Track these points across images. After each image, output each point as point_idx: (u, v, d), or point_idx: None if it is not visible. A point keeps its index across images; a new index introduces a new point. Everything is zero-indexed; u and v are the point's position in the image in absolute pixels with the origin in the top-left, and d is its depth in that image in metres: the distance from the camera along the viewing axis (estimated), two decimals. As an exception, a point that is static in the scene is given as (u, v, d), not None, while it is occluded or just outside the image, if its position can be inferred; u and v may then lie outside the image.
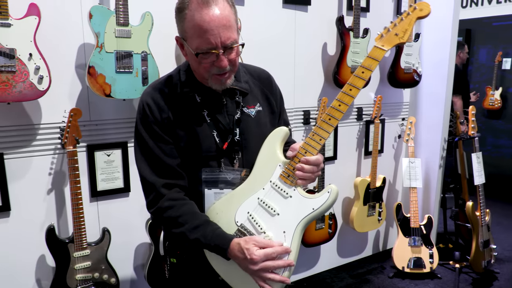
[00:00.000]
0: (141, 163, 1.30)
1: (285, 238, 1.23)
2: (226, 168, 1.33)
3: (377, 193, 3.12)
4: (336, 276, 3.15)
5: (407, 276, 3.10)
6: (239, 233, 1.27)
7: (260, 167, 1.31)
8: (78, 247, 2.03)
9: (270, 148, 1.30)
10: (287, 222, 1.24)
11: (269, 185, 1.28)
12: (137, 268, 2.40)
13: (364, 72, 1.22)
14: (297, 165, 1.24)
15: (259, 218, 1.27)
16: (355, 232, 3.17)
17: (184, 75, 1.32)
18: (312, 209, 1.22)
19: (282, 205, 1.26)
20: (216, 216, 1.29)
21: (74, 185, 1.99)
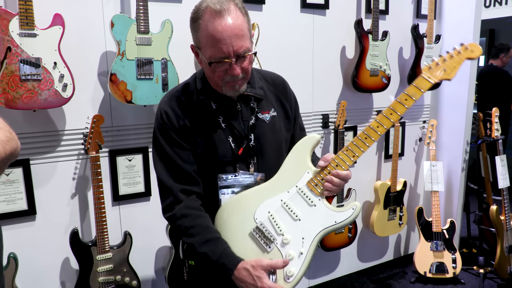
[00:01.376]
0: (159, 168, 1.33)
1: (302, 244, 1.25)
2: (241, 173, 1.35)
3: (397, 197, 3.08)
4: (356, 280, 3.13)
5: (429, 282, 3.05)
6: (257, 230, 1.29)
7: (287, 170, 1.32)
8: (101, 250, 2.08)
9: (300, 153, 1.32)
10: (308, 230, 1.26)
11: (295, 189, 1.30)
12: (158, 271, 2.43)
13: (407, 99, 1.25)
14: (327, 177, 1.27)
15: (280, 220, 1.29)
16: (376, 236, 3.14)
17: (200, 83, 1.36)
18: (335, 222, 1.26)
19: (305, 212, 1.28)
20: (238, 207, 1.31)
21: (97, 189, 2.04)
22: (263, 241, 1.29)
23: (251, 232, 1.30)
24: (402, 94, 1.25)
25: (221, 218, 1.33)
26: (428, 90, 1.27)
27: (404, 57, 3.13)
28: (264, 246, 1.28)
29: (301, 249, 1.26)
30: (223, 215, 1.32)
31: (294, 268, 1.25)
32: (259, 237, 1.29)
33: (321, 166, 1.29)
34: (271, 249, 1.28)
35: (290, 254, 1.26)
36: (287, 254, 1.26)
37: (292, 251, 1.26)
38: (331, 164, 1.28)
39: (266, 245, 1.28)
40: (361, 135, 1.27)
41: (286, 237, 1.27)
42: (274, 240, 1.28)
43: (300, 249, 1.26)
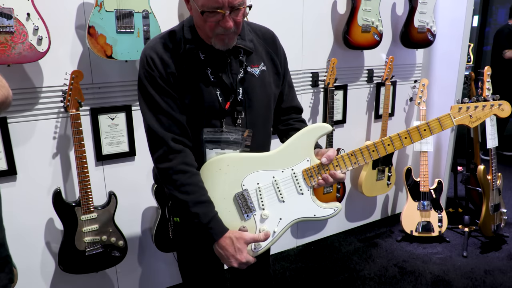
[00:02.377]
0: (148, 117, 1.28)
1: (278, 224, 1.31)
2: (228, 128, 1.33)
3: (386, 157, 3.08)
4: (344, 240, 3.17)
5: (415, 240, 3.11)
6: (240, 196, 1.30)
7: (288, 150, 1.33)
8: (85, 210, 2.05)
9: (307, 138, 1.32)
10: (287, 213, 1.32)
11: (290, 172, 1.32)
12: (144, 232, 2.42)
13: (425, 130, 1.29)
14: (324, 175, 1.31)
15: (266, 195, 1.31)
16: (364, 197, 3.16)
17: (188, 32, 1.30)
18: (314, 215, 1.32)
19: (292, 196, 1.32)
20: (225, 168, 1.29)
21: (78, 149, 1.98)
22: (243, 209, 1.30)
23: (235, 196, 1.30)
24: (423, 124, 1.28)
25: (209, 172, 1.30)
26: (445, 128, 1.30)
27: (397, 13, 3.04)
28: (243, 213, 1.30)
29: (275, 228, 1.31)
30: (212, 169, 1.30)
31: (264, 242, 1.31)
32: (240, 203, 1.30)
33: (323, 163, 1.31)
34: (248, 218, 1.31)
35: (264, 229, 1.30)
36: (261, 228, 1.30)
37: (267, 227, 1.31)
38: (332, 163, 1.30)
39: (245, 213, 1.30)
40: (371, 146, 1.31)
41: (266, 212, 1.31)
42: (254, 211, 1.30)
43: (274, 227, 1.31)
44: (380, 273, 2.72)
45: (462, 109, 1.30)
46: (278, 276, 2.70)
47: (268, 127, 1.46)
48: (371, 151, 1.30)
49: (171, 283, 2.58)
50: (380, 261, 2.86)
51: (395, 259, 2.88)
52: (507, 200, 3.79)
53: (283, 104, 1.53)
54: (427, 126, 1.28)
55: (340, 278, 2.66)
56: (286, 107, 1.54)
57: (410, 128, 1.30)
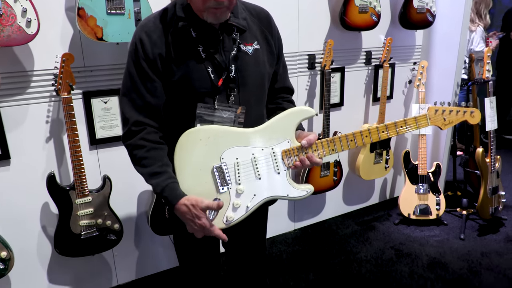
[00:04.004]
0: (122, 96, 1.32)
1: (252, 199, 1.35)
2: (221, 105, 1.33)
3: (384, 140, 3.06)
4: (341, 223, 3.18)
5: (412, 223, 3.11)
6: (218, 169, 1.32)
7: (271, 129, 1.35)
8: (79, 194, 2.05)
9: (290, 120, 1.35)
10: (262, 190, 1.35)
11: (269, 151, 1.35)
12: (140, 215, 2.43)
13: (402, 127, 1.35)
14: (302, 157, 1.34)
15: (243, 171, 1.34)
16: (361, 180, 3.15)
17: (180, 10, 1.30)
18: (287, 194, 1.36)
19: (268, 174, 1.35)
20: (206, 139, 1.31)
21: (71, 132, 1.97)
22: (219, 181, 1.32)
23: (213, 168, 1.32)
24: (401, 120, 1.35)
25: (189, 141, 1.31)
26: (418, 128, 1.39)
27: None
28: (219, 185, 1.32)
29: (249, 203, 1.35)
30: (192, 138, 1.31)
31: (236, 215, 1.34)
32: (217, 176, 1.32)
33: (303, 146, 1.34)
34: (223, 191, 1.33)
35: (238, 203, 1.33)
36: (235, 202, 1.33)
37: (241, 201, 1.34)
38: (312, 147, 1.34)
39: (221, 185, 1.32)
40: (350, 135, 1.35)
41: (241, 187, 1.34)
42: (229, 185, 1.33)
43: (248, 202, 1.34)
44: (377, 255, 2.73)
45: (438, 112, 1.38)
46: (274, 259, 2.71)
47: (262, 105, 1.47)
48: (349, 140, 1.35)
49: (168, 266, 2.61)
50: (377, 244, 2.86)
51: (392, 242, 2.88)
52: (506, 183, 3.78)
53: (277, 84, 1.54)
54: (404, 123, 1.35)
55: (336, 261, 2.67)
56: (279, 87, 1.55)
57: (388, 123, 1.36)
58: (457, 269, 2.55)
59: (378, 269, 2.58)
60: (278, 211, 2.96)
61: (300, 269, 2.60)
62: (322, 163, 1.38)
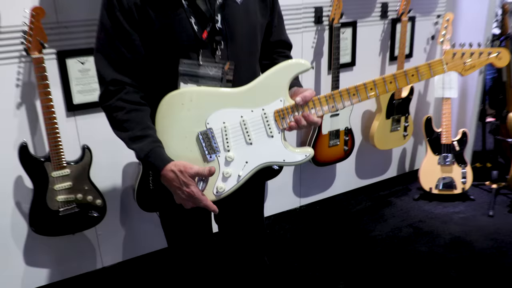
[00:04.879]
0: (97, 52, 1.32)
1: (243, 167, 1.35)
2: (206, 61, 1.33)
3: (402, 104, 3.04)
4: (353, 198, 3.20)
5: (434, 198, 3.13)
6: (204, 136, 1.32)
7: (261, 87, 1.34)
8: (56, 166, 2.08)
9: (282, 76, 1.33)
10: (254, 156, 1.35)
11: (260, 112, 1.34)
12: (126, 190, 2.47)
13: (413, 75, 1.32)
14: (297, 116, 1.33)
15: (232, 136, 1.34)
16: (377, 150, 3.16)
17: None
18: (283, 160, 1.36)
19: (260, 139, 1.35)
20: (188, 103, 1.31)
21: (44, 97, 1.98)
22: (206, 149, 1.33)
23: (198, 134, 1.33)
24: (411, 68, 1.31)
25: (170, 106, 1.32)
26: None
27: None
28: (206, 154, 1.33)
29: (240, 172, 1.35)
30: (174, 103, 1.32)
31: (227, 185, 1.35)
32: (203, 143, 1.33)
33: (297, 103, 1.32)
34: (211, 160, 1.34)
35: (228, 173, 1.34)
36: (225, 171, 1.34)
37: (231, 170, 1.35)
38: (308, 104, 1.33)
39: (208, 153, 1.33)
40: (351, 89, 1.32)
41: (231, 155, 1.35)
42: (218, 153, 1.34)
43: (239, 171, 1.35)
44: (393, 234, 2.75)
45: (457, 55, 1.34)
46: (277, 239, 2.76)
47: (254, 61, 1.46)
48: (351, 94, 1.32)
49: (159, 247, 2.65)
50: (393, 222, 2.89)
51: (410, 219, 2.91)
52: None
53: (272, 37, 1.53)
54: (416, 71, 1.32)
55: (347, 240, 2.71)
56: (275, 41, 1.54)
57: (397, 72, 1.32)
58: (484, 249, 2.56)
59: (393, 248, 2.61)
60: (281, 186, 2.99)
61: (305, 250, 2.63)
62: (320, 123, 1.36)
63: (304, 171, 3.03)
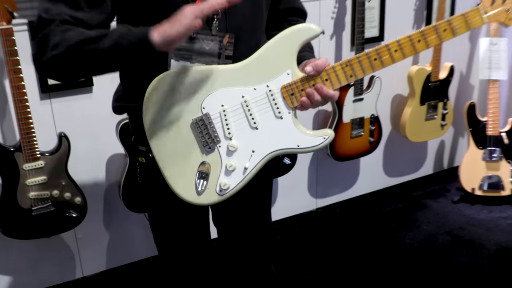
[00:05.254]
0: None
1: (250, 158, 1.34)
2: (201, 33, 1.32)
3: (440, 87, 3.03)
4: (381, 200, 3.21)
5: (478, 201, 3.12)
6: (200, 123, 1.32)
7: (262, 60, 1.32)
8: (28, 157, 2.11)
9: (287, 44, 1.31)
10: (262, 143, 1.34)
11: (265, 89, 1.32)
12: (110, 186, 2.51)
13: (446, 30, 1.28)
14: (309, 90, 1.30)
15: (233, 120, 1.33)
16: (409, 143, 3.15)
17: None
18: (297, 145, 1.34)
19: (267, 121, 1.34)
20: (179, 86, 1.31)
21: (14, 75, 2.01)
22: (204, 139, 1.33)
23: (192, 122, 1.32)
24: (443, 22, 1.27)
25: (158, 93, 1.32)
26: (473, 28, 1.31)
27: None
28: (204, 145, 1.33)
29: (247, 164, 1.34)
30: (161, 89, 1.31)
31: (232, 181, 1.34)
32: (200, 132, 1.33)
33: (308, 73, 1.29)
34: (211, 151, 1.34)
35: (232, 165, 1.33)
36: (228, 163, 1.33)
37: (236, 162, 1.33)
38: (321, 76, 1.30)
39: (206, 144, 1.33)
40: (372, 53, 1.29)
41: (233, 143, 1.33)
42: (218, 142, 1.33)
43: (246, 163, 1.34)
44: (427, 242, 2.76)
45: (497, 2, 1.29)
46: (289, 245, 2.77)
47: (259, 33, 1.45)
48: (372, 59, 1.29)
49: (148, 254, 2.69)
50: (427, 228, 2.89)
51: (448, 225, 2.91)
52: None
53: (281, 4, 1.52)
54: (448, 25, 1.27)
55: (370, 248, 2.72)
56: (285, 8, 1.53)
57: (425, 28, 1.29)
58: (536, 262, 2.57)
59: (427, 260, 2.61)
60: (294, 184, 3.00)
61: (322, 260, 2.64)
62: (337, 97, 1.32)
63: (321, 166, 3.04)
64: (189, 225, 1.61)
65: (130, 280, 2.57)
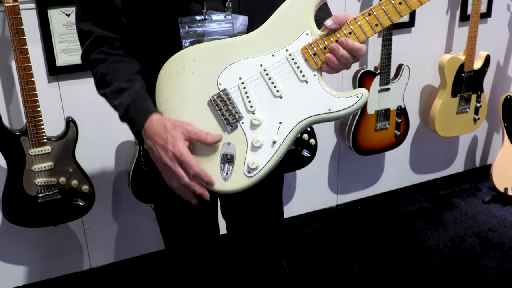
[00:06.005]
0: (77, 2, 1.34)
1: (278, 130, 1.28)
2: (213, 14, 1.31)
3: (474, 79, 2.96)
4: (406, 198, 3.18)
5: (510, 202, 3.08)
6: (218, 100, 1.29)
7: (277, 24, 1.30)
8: (34, 141, 2.10)
9: (302, 3, 1.27)
10: (289, 112, 1.28)
11: (284, 54, 1.28)
12: (120, 175, 2.50)
13: None
14: (332, 45, 1.24)
15: (253, 92, 1.29)
16: (438, 138, 3.11)
17: None
18: (329, 109, 1.26)
19: (292, 88, 1.28)
20: (191, 65, 1.29)
21: (20, 56, 2.00)
22: (224, 117, 1.28)
23: (210, 100, 1.29)
24: None
25: (170, 75, 1.30)
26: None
27: None
28: (225, 123, 1.28)
29: (275, 137, 1.27)
30: (173, 70, 1.30)
31: (261, 159, 1.27)
32: (219, 110, 1.28)
33: (328, 27, 1.24)
34: (234, 129, 1.29)
35: (259, 141, 1.27)
36: (255, 139, 1.27)
37: (263, 136, 1.27)
38: (343, 29, 1.24)
39: (227, 122, 1.28)
40: None
41: (257, 116, 1.28)
42: (240, 118, 1.28)
43: (273, 136, 1.27)
44: (453, 244, 2.73)
45: None
46: (306, 242, 2.76)
47: None
48: (396, 3, 1.22)
49: (159, 247, 2.67)
50: (455, 229, 2.86)
51: (477, 227, 2.87)
52: None
53: None
54: None
55: (393, 249, 2.69)
56: None
57: None
58: None
59: (452, 262, 2.57)
60: (314, 178, 2.98)
61: (340, 258, 2.63)
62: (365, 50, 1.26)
63: (343, 161, 3.02)
64: (196, 217, 1.60)
65: (139, 274, 2.56)
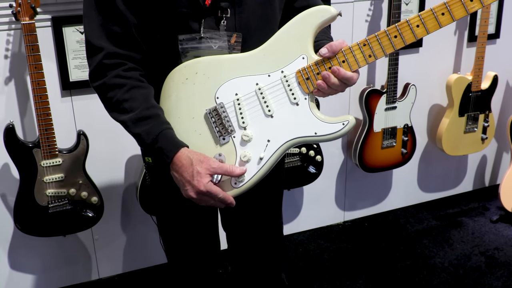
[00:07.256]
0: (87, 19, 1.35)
1: (266, 148, 1.34)
2: (209, 33, 1.36)
3: (482, 98, 3.00)
4: (413, 216, 3.19)
5: (519, 221, 3.09)
6: (213, 113, 1.35)
7: (276, 46, 1.35)
8: (46, 153, 2.20)
9: (301, 28, 1.32)
10: (278, 132, 1.34)
11: (279, 75, 1.34)
12: (129, 188, 2.59)
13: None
14: (324, 72, 1.29)
15: (247, 109, 1.36)
16: (446, 156, 3.13)
17: None
18: (314, 133, 1.32)
19: (283, 109, 1.34)
20: (193, 77, 1.35)
21: (35, 71, 2.11)
22: (218, 129, 1.35)
23: (206, 113, 1.36)
24: None
25: (173, 84, 1.37)
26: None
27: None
28: (218, 135, 1.36)
29: (262, 154, 1.34)
30: (176, 80, 1.37)
31: (247, 173, 1.34)
32: (214, 123, 1.36)
33: (323, 55, 1.29)
34: (225, 142, 1.36)
35: (247, 156, 1.34)
36: (243, 154, 1.34)
37: (251, 152, 1.35)
38: (337, 57, 1.30)
39: (220, 135, 1.36)
40: (391, 30, 1.26)
41: (248, 132, 1.35)
42: (232, 132, 1.35)
43: (261, 153, 1.34)
44: (458, 262, 2.74)
45: None
46: (312, 258, 2.80)
47: (269, 32, 1.44)
48: (392, 37, 1.26)
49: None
50: (461, 247, 2.87)
51: (483, 246, 2.88)
52: None
53: (297, 2, 1.54)
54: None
55: (397, 266, 2.71)
56: (302, 6, 1.52)
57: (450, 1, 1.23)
58: None
59: (457, 281, 2.59)
60: (321, 195, 3.03)
61: (345, 273, 2.66)
62: (355, 80, 1.30)
63: (350, 178, 3.06)
64: (197, 229, 1.65)
65: (146, 285, 2.63)
